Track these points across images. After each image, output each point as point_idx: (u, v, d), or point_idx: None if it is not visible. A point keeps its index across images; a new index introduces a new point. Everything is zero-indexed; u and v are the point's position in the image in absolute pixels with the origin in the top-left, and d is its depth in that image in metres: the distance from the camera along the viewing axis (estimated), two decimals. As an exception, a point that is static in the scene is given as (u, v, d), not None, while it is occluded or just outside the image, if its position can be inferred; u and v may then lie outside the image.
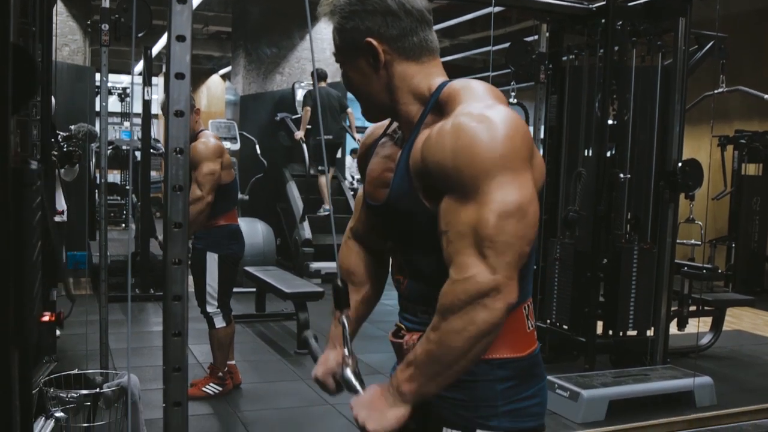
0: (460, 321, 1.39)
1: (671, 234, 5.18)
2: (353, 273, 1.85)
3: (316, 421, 4.19)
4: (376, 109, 1.63)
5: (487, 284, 1.37)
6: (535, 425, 1.61)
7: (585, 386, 4.39)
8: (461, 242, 1.40)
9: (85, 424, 3.49)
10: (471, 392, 1.54)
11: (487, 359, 1.54)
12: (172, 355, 1.53)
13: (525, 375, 1.58)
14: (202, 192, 4.21)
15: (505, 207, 1.37)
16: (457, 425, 1.56)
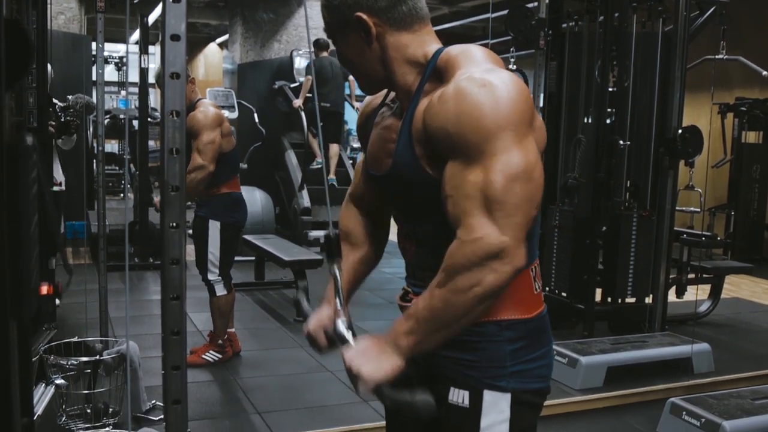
0: (467, 281, 1.38)
1: (670, 201, 5.17)
2: (351, 233, 1.84)
3: (315, 388, 4.21)
4: (373, 82, 1.62)
5: (496, 246, 1.36)
6: (542, 386, 1.62)
7: (583, 353, 4.41)
8: (469, 203, 1.39)
9: (85, 391, 3.50)
10: (479, 353, 1.55)
11: (495, 320, 1.54)
12: (171, 318, 1.53)
13: (533, 336, 1.59)
14: (204, 161, 4.18)
15: (512, 170, 1.37)
16: (465, 385, 1.57)
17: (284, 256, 5.83)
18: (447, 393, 1.59)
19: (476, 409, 1.56)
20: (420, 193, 1.53)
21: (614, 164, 5.15)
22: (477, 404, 1.56)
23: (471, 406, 1.57)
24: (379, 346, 1.48)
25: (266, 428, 3.62)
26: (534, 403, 1.62)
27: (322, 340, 1.72)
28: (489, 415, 1.56)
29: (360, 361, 1.47)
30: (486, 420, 1.57)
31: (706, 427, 3.50)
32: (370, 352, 1.48)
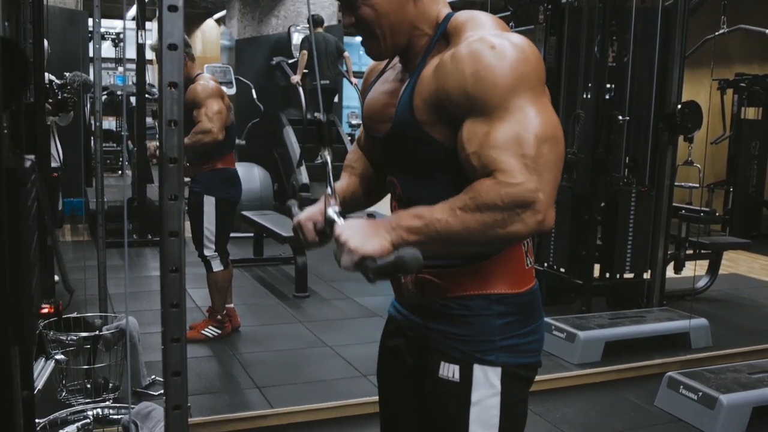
0: (493, 219, 1.35)
1: (669, 177, 5.17)
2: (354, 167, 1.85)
3: (314, 362, 4.23)
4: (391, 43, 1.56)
5: (532, 196, 1.34)
6: (532, 361, 1.62)
7: (581, 328, 4.43)
8: (502, 153, 1.37)
9: (85, 366, 3.52)
10: (469, 327, 1.55)
11: (486, 294, 1.54)
12: (170, 291, 1.52)
13: (523, 311, 1.58)
14: (213, 128, 4.16)
15: (543, 132, 1.37)
16: (455, 359, 1.57)
17: (283, 232, 5.83)
18: (437, 367, 1.59)
19: (466, 383, 1.56)
20: (417, 155, 1.53)
21: (613, 140, 5.14)
22: (467, 378, 1.56)
23: (461, 380, 1.57)
24: (374, 228, 1.43)
25: (266, 403, 3.64)
26: (525, 377, 1.62)
27: (309, 230, 1.65)
28: (479, 389, 1.57)
29: (350, 233, 1.43)
30: (476, 394, 1.57)
31: (703, 401, 3.52)
32: (363, 229, 1.43)
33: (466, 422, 1.58)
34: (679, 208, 6.00)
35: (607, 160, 5.12)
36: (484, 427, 1.58)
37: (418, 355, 1.68)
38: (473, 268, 1.55)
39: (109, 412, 2.89)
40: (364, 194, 1.85)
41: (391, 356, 1.77)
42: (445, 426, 1.63)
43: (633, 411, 3.70)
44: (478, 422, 1.57)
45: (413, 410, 1.73)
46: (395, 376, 1.76)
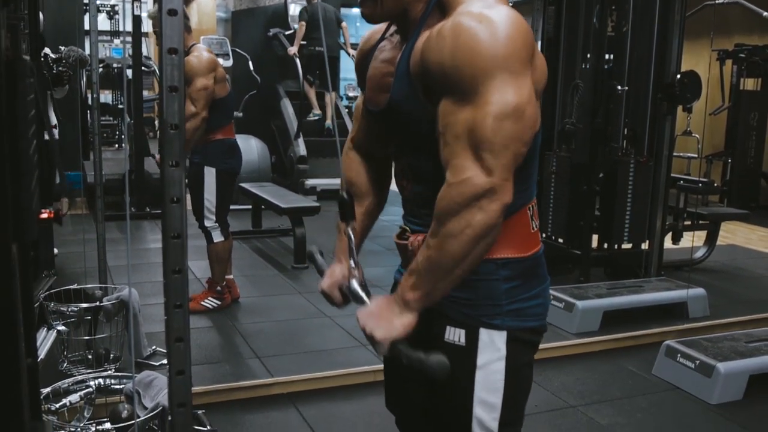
0: (457, 224, 1.38)
1: (668, 147, 5.17)
2: (355, 184, 1.82)
3: (313, 333, 4.25)
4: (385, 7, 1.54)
5: (482, 186, 1.36)
6: (537, 325, 1.63)
7: (580, 297, 4.45)
8: (457, 144, 1.39)
9: (86, 337, 3.53)
10: (475, 291, 1.55)
11: (492, 258, 1.54)
12: (172, 257, 1.53)
13: (529, 275, 1.59)
14: (197, 108, 4.16)
15: (503, 108, 1.36)
16: (461, 324, 1.58)
17: (281, 204, 5.83)
18: (443, 332, 1.60)
19: (472, 347, 1.58)
20: (417, 127, 1.52)
21: (612, 110, 5.13)
22: (473, 342, 1.57)
23: (467, 344, 1.58)
24: (389, 306, 1.50)
25: (266, 372, 3.66)
26: (530, 341, 1.63)
27: (337, 297, 1.74)
28: (485, 352, 1.58)
29: (372, 323, 1.49)
30: (482, 358, 1.58)
31: (700, 369, 3.55)
32: (382, 313, 1.50)
33: (471, 386, 1.59)
34: (677, 179, 6.00)
35: (606, 130, 5.11)
36: (490, 390, 1.59)
37: (423, 320, 1.68)
38: None
39: (111, 382, 2.90)
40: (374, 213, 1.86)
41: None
42: (450, 390, 1.64)
43: (631, 379, 3.73)
44: (484, 386, 1.58)
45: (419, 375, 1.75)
46: None
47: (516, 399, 1.65)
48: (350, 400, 3.35)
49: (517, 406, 1.67)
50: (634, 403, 3.46)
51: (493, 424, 1.62)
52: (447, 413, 1.67)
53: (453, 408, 1.64)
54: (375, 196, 1.84)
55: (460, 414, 1.62)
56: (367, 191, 1.83)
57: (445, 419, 1.69)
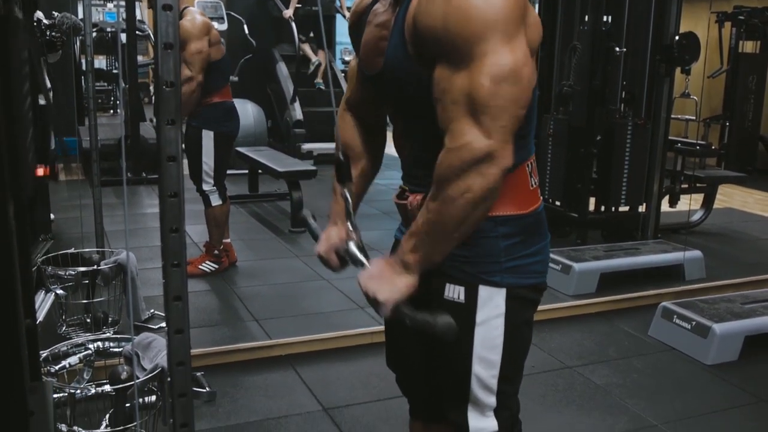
0: (456, 188, 1.38)
1: (666, 109, 5.14)
2: (350, 147, 1.81)
3: (311, 295, 4.26)
4: None
5: (481, 150, 1.36)
6: (537, 282, 1.63)
7: (577, 260, 4.46)
8: (455, 109, 1.38)
9: (84, 300, 3.54)
10: (474, 248, 1.55)
11: (491, 216, 1.54)
12: (169, 215, 1.52)
13: (528, 232, 1.59)
14: (192, 72, 4.13)
15: (499, 71, 1.35)
16: (461, 281, 1.58)
17: (278, 167, 5.81)
18: (443, 289, 1.60)
19: (472, 304, 1.58)
20: (413, 91, 1.51)
21: (610, 72, 5.10)
22: (472, 299, 1.58)
23: (466, 301, 1.58)
24: (390, 268, 1.50)
25: (264, 335, 3.67)
26: (530, 299, 1.63)
27: (334, 261, 1.74)
28: (484, 309, 1.58)
29: (375, 285, 1.50)
30: (481, 315, 1.58)
31: (696, 330, 3.57)
32: (383, 275, 1.50)
33: (470, 343, 1.60)
34: (675, 142, 5.99)
35: (604, 92, 5.09)
36: (489, 348, 1.60)
37: (423, 278, 1.68)
38: None
39: (110, 344, 2.91)
40: (370, 175, 1.85)
41: None
42: (450, 347, 1.64)
43: (627, 340, 3.75)
44: (483, 343, 1.59)
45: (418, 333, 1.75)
46: None
47: (515, 356, 1.65)
48: (348, 361, 3.37)
49: (516, 363, 1.68)
50: (630, 363, 3.48)
51: (492, 382, 1.63)
52: (446, 371, 1.68)
53: (452, 365, 1.65)
54: (370, 159, 1.83)
55: (459, 371, 1.63)
56: (362, 153, 1.82)
57: (445, 377, 1.70)
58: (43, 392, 1.46)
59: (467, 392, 1.64)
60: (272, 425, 2.82)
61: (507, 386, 1.66)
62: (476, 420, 1.67)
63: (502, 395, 1.65)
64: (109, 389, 2.51)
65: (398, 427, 2.72)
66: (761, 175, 8.43)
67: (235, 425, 2.81)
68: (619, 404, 3.06)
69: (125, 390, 2.45)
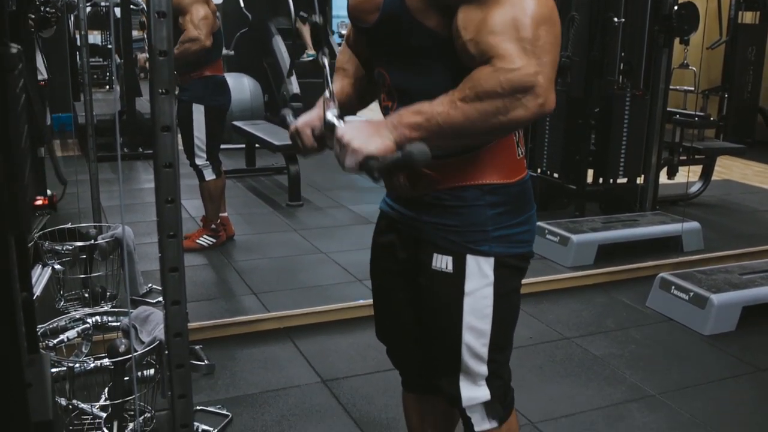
0: (494, 107, 1.34)
1: (664, 80, 5.11)
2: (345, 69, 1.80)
3: (309, 268, 4.26)
4: None
5: (531, 80, 1.33)
6: (524, 251, 1.63)
7: (575, 231, 4.45)
8: (500, 38, 1.35)
9: (82, 275, 3.53)
10: (461, 218, 1.55)
11: (478, 184, 1.53)
12: (164, 186, 1.51)
13: (515, 201, 1.58)
14: (200, 34, 4.09)
15: (539, 13, 1.35)
16: (448, 251, 1.58)
17: (275, 141, 5.79)
18: (430, 259, 1.60)
19: (460, 273, 1.58)
20: (406, 44, 1.50)
21: (608, 42, 5.06)
22: (460, 269, 1.57)
23: (454, 271, 1.58)
24: (376, 127, 1.43)
25: (262, 308, 3.68)
26: (518, 267, 1.63)
27: (308, 136, 1.63)
28: (473, 279, 1.58)
29: (352, 134, 1.43)
30: (470, 284, 1.58)
31: (694, 301, 3.57)
32: (365, 129, 1.44)
33: (460, 312, 1.59)
34: (673, 113, 5.96)
35: (602, 63, 5.05)
36: (478, 317, 1.60)
37: (411, 249, 1.68)
38: (465, 159, 1.54)
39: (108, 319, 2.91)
40: (357, 97, 1.82)
41: (384, 252, 1.77)
42: (439, 317, 1.64)
43: (625, 311, 3.76)
44: (472, 312, 1.59)
45: (407, 304, 1.75)
46: (389, 272, 1.77)
47: (505, 325, 1.65)
48: (346, 334, 3.37)
49: (506, 331, 1.68)
50: (628, 334, 3.48)
51: (483, 350, 1.63)
52: (437, 341, 1.68)
53: (442, 336, 1.65)
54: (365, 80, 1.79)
55: (450, 341, 1.63)
56: (357, 72, 1.79)
57: (435, 347, 1.70)
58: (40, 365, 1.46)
59: (458, 362, 1.64)
60: (270, 397, 2.83)
61: (498, 355, 1.66)
62: (468, 390, 1.67)
63: (494, 364, 1.65)
64: (107, 363, 2.51)
65: (396, 397, 2.71)
66: (760, 147, 8.41)
67: (234, 398, 2.82)
68: (617, 375, 3.07)
69: (124, 363, 2.45)
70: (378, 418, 2.69)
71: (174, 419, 1.60)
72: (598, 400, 2.86)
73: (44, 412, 1.24)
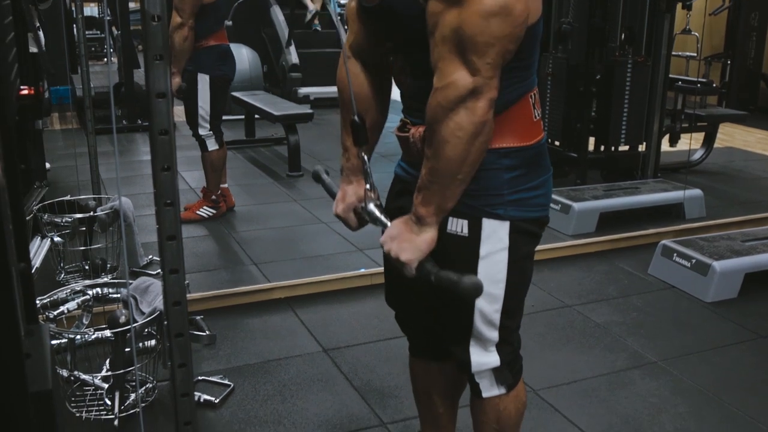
0: (447, 128, 1.39)
1: (666, 46, 5.06)
2: (360, 97, 1.74)
3: (310, 239, 4.24)
4: None
5: (466, 87, 1.36)
6: (540, 216, 1.62)
7: (576, 199, 4.43)
8: (444, 47, 1.38)
9: (82, 247, 3.52)
10: (477, 182, 1.53)
11: (494, 148, 1.52)
12: (161, 154, 1.49)
13: (531, 165, 1.57)
14: (182, 18, 4.05)
15: (490, 7, 1.35)
16: (463, 214, 1.56)
17: (274, 111, 5.75)
18: (445, 223, 1.58)
19: (475, 237, 1.57)
20: (411, 23, 1.48)
21: (609, 8, 5.01)
22: (476, 233, 1.57)
23: (470, 234, 1.57)
24: (408, 227, 1.51)
25: (263, 278, 3.67)
26: (533, 232, 1.63)
27: (353, 220, 1.76)
28: (488, 243, 1.57)
29: (396, 247, 1.51)
30: (485, 248, 1.57)
31: (696, 268, 3.56)
32: (402, 235, 1.51)
33: None
34: (675, 80, 5.91)
35: (603, 29, 5.00)
36: (492, 281, 1.59)
37: None
38: None
39: (108, 290, 2.90)
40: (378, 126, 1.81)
41: (398, 216, 1.75)
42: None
43: (627, 279, 3.75)
44: (486, 276, 1.58)
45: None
46: None
47: (517, 291, 1.65)
48: (347, 303, 3.37)
49: (518, 297, 1.67)
50: (630, 302, 3.48)
51: (495, 316, 1.62)
52: (449, 306, 1.67)
53: (455, 301, 1.64)
54: (378, 108, 1.79)
55: (463, 307, 1.63)
56: (371, 104, 1.77)
57: (448, 313, 1.69)
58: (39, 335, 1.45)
59: (470, 327, 1.64)
60: (272, 366, 2.83)
61: (509, 321, 1.66)
62: (479, 355, 1.67)
63: (505, 330, 1.65)
64: (108, 334, 2.51)
65: (398, 366, 2.73)
66: (763, 114, 8.36)
67: (236, 367, 2.82)
68: (619, 342, 3.07)
69: (124, 334, 2.44)
70: (379, 386, 2.69)
71: (174, 388, 1.60)
72: (600, 367, 2.86)
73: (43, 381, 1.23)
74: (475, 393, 1.75)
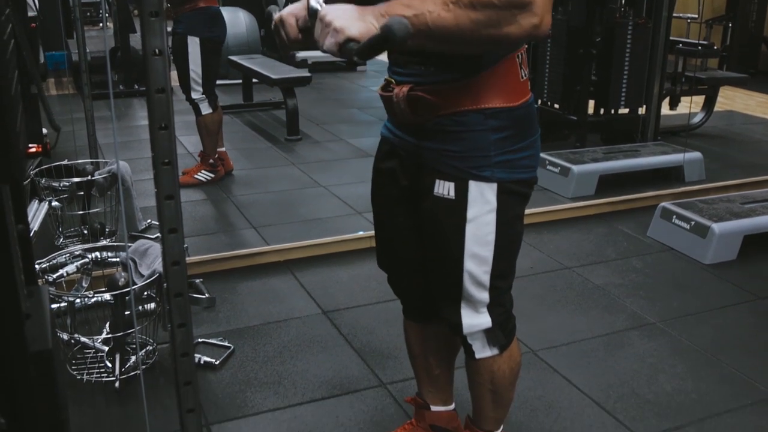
0: (487, 18, 1.28)
1: (667, 8, 5.00)
2: None
3: (308, 202, 4.23)
4: None
5: None
6: (527, 177, 1.59)
7: (575, 162, 4.42)
8: None
9: (80, 212, 3.51)
10: (464, 143, 1.51)
11: (480, 109, 1.50)
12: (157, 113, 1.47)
13: (518, 125, 1.54)
14: None
15: None
16: (450, 176, 1.55)
17: (272, 75, 5.71)
18: (432, 186, 1.57)
19: (462, 199, 1.55)
20: None
21: (610, -32, 4.96)
22: (463, 195, 1.55)
23: (457, 197, 1.55)
24: (362, 12, 1.34)
25: (262, 241, 3.67)
26: (521, 193, 1.60)
27: (292, 25, 1.54)
28: (475, 205, 1.55)
29: (336, 14, 1.33)
30: (472, 211, 1.55)
31: (695, 230, 3.56)
32: (351, 12, 1.34)
33: (462, 239, 1.57)
34: (676, 42, 5.86)
35: (604, -9, 4.95)
36: (481, 243, 1.58)
37: (412, 175, 1.65)
38: (467, 83, 1.50)
39: (107, 254, 2.90)
40: None
41: (385, 178, 1.74)
42: (441, 244, 1.62)
43: (626, 241, 3.75)
44: (475, 239, 1.57)
45: (409, 231, 1.73)
46: (390, 198, 1.74)
47: (507, 252, 1.63)
48: (346, 266, 3.37)
49: (508, 259, 1.66)
50: (629, 263, 3.48)
51: (485, 278, 1.61)
52: (439, 269, 1.67)
53: (444, 262, 1.63)
54: None
55: (451, 268, 1.61)
56: None
57: (436, 273, 1.69)
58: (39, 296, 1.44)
59: (460, 289, 1.63)
60: (272, 328, 2.84)
61: (500, 282, 1.65)
62: (470, 317, 1.66)
63: (495, 291, 1.64)
64: (107, 297, 2.51)
65: (396, 327, 2.72)
66: (763, 77, 8.32)
67: (235, 329, 2.83)
68: (618, 303, 3.08)
69: (124, 297, 2.45)
70: (379, 348, 2.70)
71: (174, 348, 1.60)
72: (599, 328, 2.87)
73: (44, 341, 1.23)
74: (468, 354, 1.75)
